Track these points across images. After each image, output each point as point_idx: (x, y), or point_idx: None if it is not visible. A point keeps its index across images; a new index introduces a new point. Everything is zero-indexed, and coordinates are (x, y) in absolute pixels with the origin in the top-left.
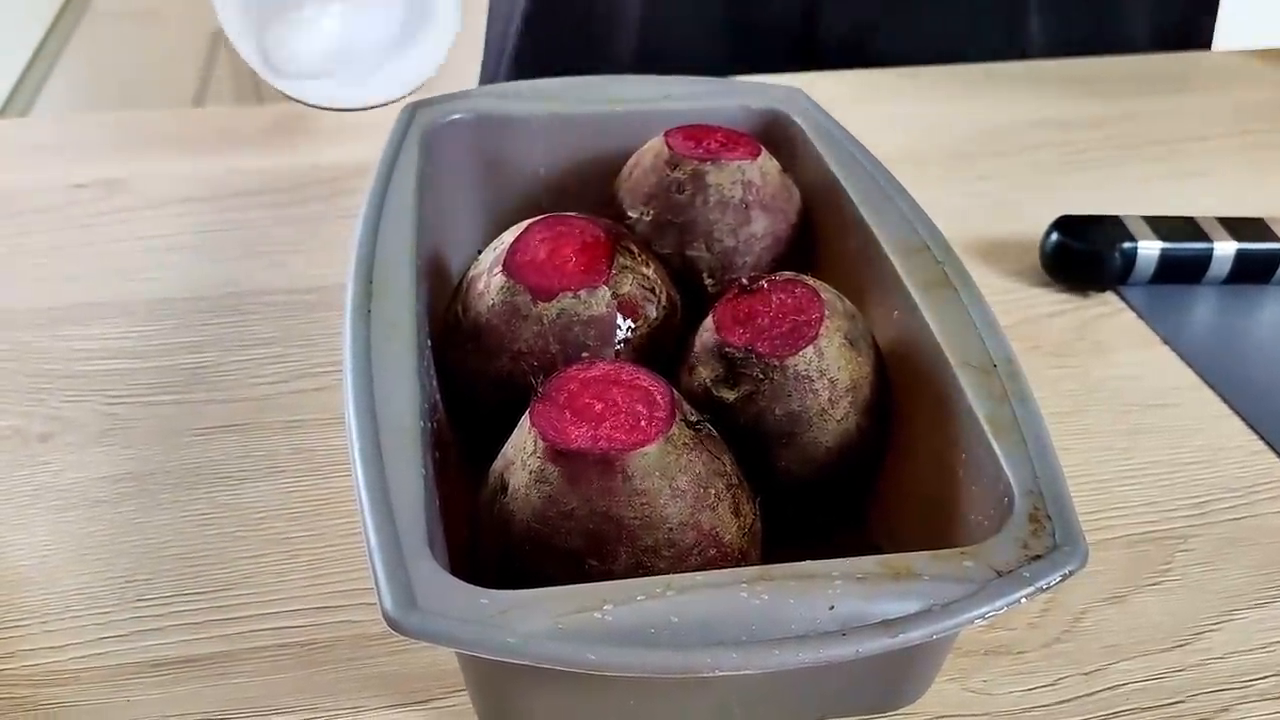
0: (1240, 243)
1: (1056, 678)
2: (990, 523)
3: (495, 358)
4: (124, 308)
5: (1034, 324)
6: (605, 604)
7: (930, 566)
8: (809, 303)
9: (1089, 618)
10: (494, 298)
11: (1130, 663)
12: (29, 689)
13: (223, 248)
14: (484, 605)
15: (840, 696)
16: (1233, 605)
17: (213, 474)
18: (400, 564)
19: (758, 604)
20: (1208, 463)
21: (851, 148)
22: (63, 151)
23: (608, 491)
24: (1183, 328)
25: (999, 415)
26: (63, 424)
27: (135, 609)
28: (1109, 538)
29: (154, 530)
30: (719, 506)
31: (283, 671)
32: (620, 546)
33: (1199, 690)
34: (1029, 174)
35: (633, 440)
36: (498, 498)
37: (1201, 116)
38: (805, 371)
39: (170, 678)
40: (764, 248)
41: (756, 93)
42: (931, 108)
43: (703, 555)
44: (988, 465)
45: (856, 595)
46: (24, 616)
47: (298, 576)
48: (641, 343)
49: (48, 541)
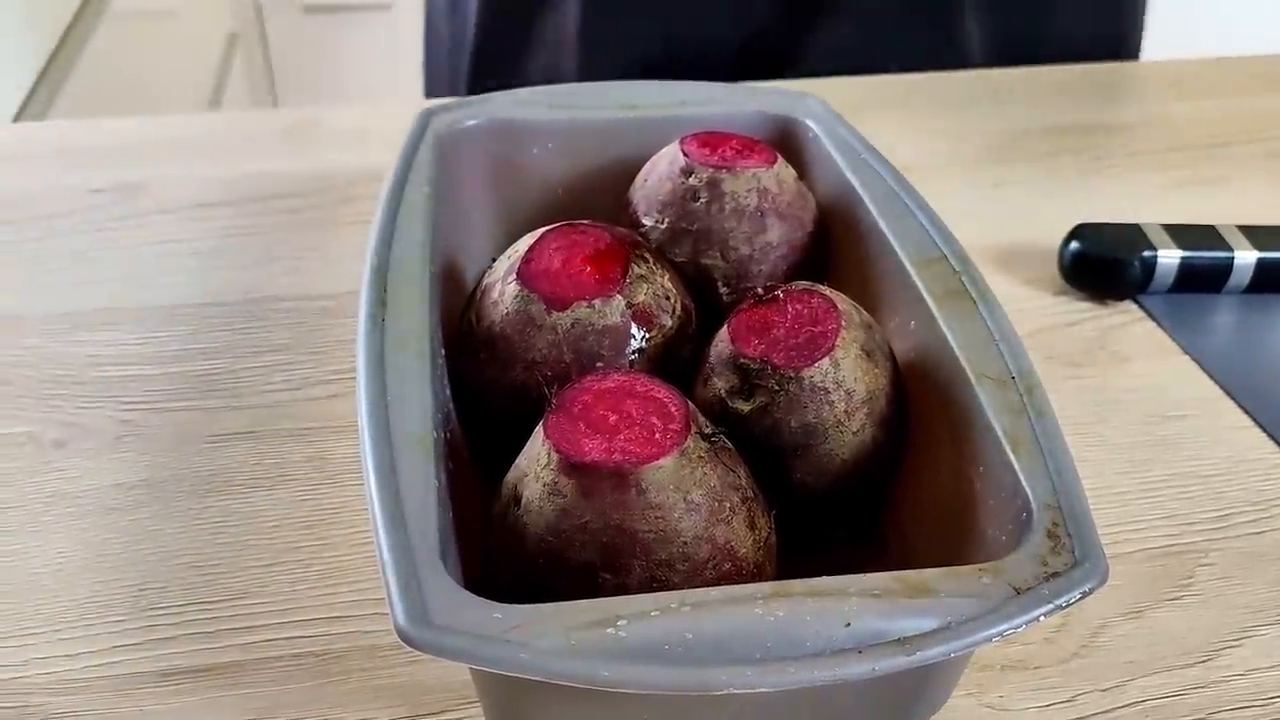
0: (1261, 251)
1: (1074, 694)
2: (1008, 538)
3: (509, 367)
4: (139, 313)
5: (1052, 333)
6: (620, 619)
7: (947, 583)
8: (825, 313)
9: (1107, 633)
10: (508, 307)
11: (1149, 679)
12: (42, 697)
13: (238, 253)
14: (497, 620)
15: (856, 711)
16: (1255, 621)
17: (226, 481)
18: (413, 577)
19: (773, 621)
20: (1228, 475)
21: (868, 155)
22: (80, 156)
23: (622, 505)
24: (1203, 337)
25: (1017, 429)
26: (78, 430)
27: (148, 618)
28: (1128, 551)
29: (167, 538)
30: (734, 520)
31: (295, 681)
32: (634, 560)
33: (1220, 708)
34: (1048, 181)
35: (647, 453)
36: (511, 510)
37: (1222, 124)
38: (821, 383)
39: (183, 687)
40: (780, 256)
41: (772, 99)
42: (949, 114)
43: (717, 569)
44: (1005, 479)
45: (873, 612)
46: (38, 624)
47: (310, 586)
48: (656, 352)
49: (62, 548)
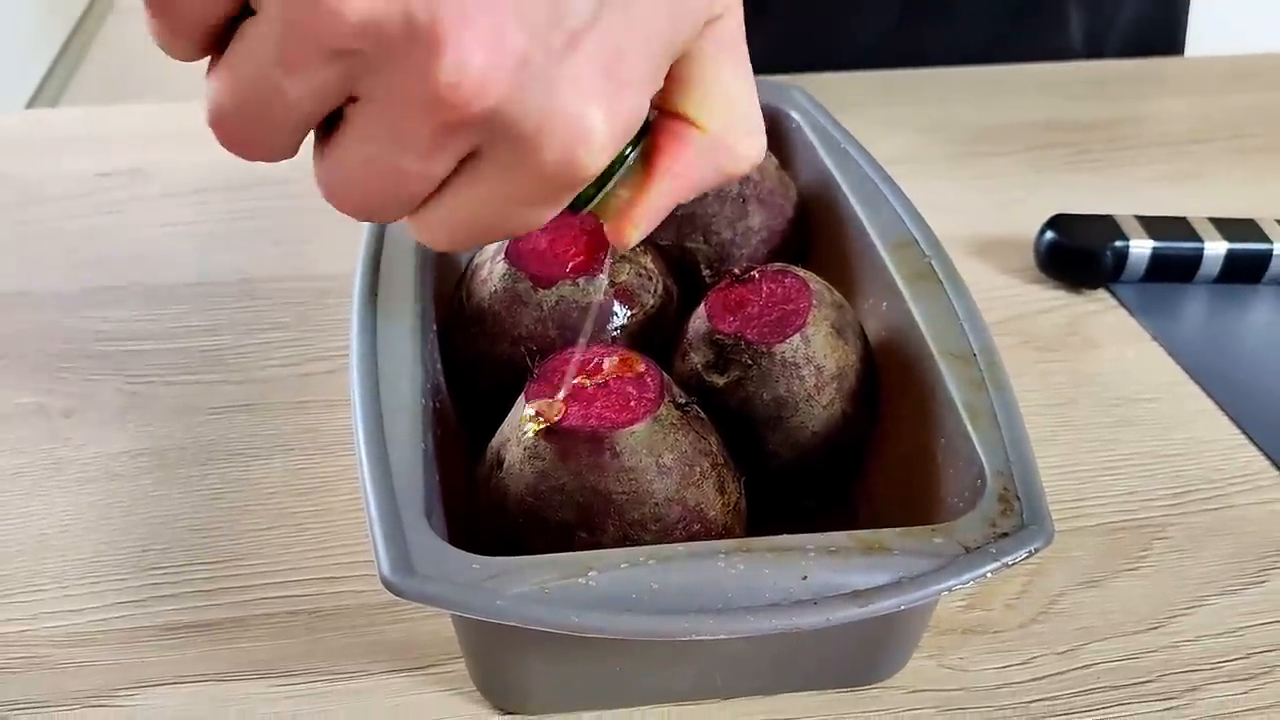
0: (1231, 243)
1: (1031, 656)
2: (965, 504)
3: (497, 342)
4: (145, 291)
5: (1026, 319)
6: (590, 571)
7: (901, 542)
8: (798, 293)
9: (1065, 600)
10: (496, 284)
11: (1103, 644)
12: (48, 649)
13: (240, 235)
14: (476, 570)
15: (820, 669)
16: (1206, 591)
17: (225, 451)
18: (398, 531)
19: (734, 573)
20: (1189, 455)
21: (848, 145)
22: (89, 141)
23: (597, 467)
24: (1172, 325)
25: (976, 401)
26: (85, 401)
27: (150, 576)
28: (1089, 524)
29: (169, 503)
30: (704, 484)
31: (290, 637)
32: (608, 520)
33: (1169, 671)
34: (1030, 174)
35: (622, 419)
36: (494, 473)
37: (1203, 120)
38: (792, 358)
39: (183, 641)
40: (760, 240)
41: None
42: (936, 108)
43: (687, 530)
44: (964, 448)
45: (829, 567)
46: (45, 581)
47: (305, 548)
48: (637, 329)
49: (68, 511)
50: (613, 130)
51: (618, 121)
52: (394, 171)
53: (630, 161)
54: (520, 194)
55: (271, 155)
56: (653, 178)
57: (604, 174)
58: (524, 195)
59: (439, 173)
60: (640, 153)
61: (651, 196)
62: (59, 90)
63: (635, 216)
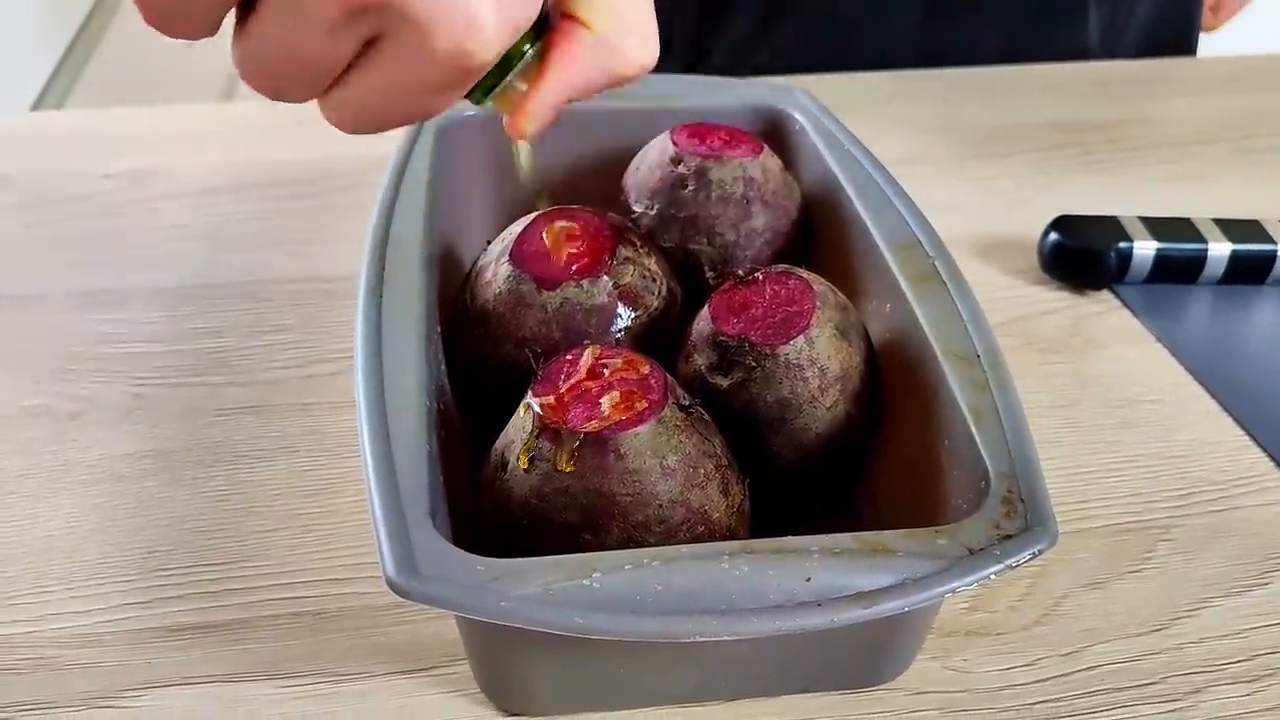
0: (1235, 244)
1: (1034, 658)
2: (969, 505)
3: (501, 344)
4: (150, 293)
5: (1030, 320)
6: (594, 572)
7: (905, 544)
8: (801, 294)
9: (1069, 602)
10: (500, 286)
11: (1107, 645)
12: (55, 650)
13: (244, 238)
14: (480, 571)
15: (823, 670)
16: (1210, 593)
17: (231, 453)
18: (403, 532)
19: (738, 575)
20: (1193, 456)
21: (851, 147)
22: (94, 143)
23: (601, 469)
24: (1176, 326)
25: (979, 403)
26: (91, 403)
27: (156, 578)
28: (1093, 526)
29: (175, 504)
30: (708, 486)
31: (295, 638)
32: (612, 522)
33: (1173, 673)
34: (1035, 175)
35: (626, 421)
36: (498, 475)
37: (1208, 121)
38: (796, 360)
39: (189, 642)
40: (764, 242)
41: (762, 92)
42: (942, 109)
43: (691, 531)
44: (968, 450)
45: (833, 569)
46: (52, 583)
47: (310, 550)
48: (641, 331)
49: (75, 513)
50: (501, 23)
51: (506, 15)
52: (301, 51)
53: (528, 58)
54: (418, 80)
55: (192, 31)
56: (544, 72)
57: (504, 68)
58: (422, 81)
59: (343, 54)
60: (538, 51)
61: (543, 91)
62: (64, 92)
63: (529, 109)
